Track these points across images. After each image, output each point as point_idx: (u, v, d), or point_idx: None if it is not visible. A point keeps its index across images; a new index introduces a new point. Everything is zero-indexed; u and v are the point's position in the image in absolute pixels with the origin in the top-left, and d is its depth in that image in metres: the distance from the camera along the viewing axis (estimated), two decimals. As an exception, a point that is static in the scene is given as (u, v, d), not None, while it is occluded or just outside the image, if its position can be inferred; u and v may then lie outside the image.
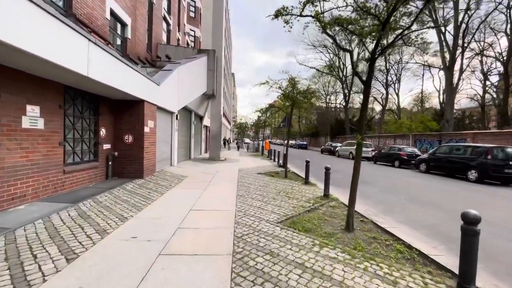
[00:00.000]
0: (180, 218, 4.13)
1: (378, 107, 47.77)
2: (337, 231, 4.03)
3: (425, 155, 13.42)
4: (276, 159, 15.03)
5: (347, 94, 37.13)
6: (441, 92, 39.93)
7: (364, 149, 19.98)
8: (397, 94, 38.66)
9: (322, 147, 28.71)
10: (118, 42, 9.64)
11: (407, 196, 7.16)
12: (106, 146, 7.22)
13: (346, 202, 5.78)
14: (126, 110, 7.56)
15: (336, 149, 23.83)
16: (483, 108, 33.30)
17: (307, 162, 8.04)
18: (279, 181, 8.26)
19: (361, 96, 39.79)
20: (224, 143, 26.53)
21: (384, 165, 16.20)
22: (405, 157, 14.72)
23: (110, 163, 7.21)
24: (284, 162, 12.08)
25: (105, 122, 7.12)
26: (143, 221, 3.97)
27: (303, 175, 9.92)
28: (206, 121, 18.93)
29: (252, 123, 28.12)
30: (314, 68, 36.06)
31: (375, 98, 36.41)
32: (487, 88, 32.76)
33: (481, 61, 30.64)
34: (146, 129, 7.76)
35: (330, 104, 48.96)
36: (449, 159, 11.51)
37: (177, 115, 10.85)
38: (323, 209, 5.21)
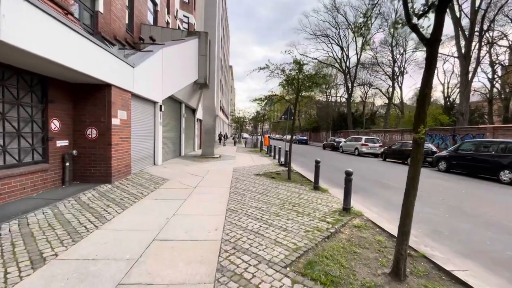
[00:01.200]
0: (130, 261, 2.60)
1: (378, 101, 46.24)
2: (378, 278, 2.53)
3: (444, 152, 11.93)
4: (277, 157, 13.51)
5: (350, 86, 35.42)
6: (446, 85, 38.53)
7: (370, 144, 18.55)
8: (400, 88, 37.01)
9: (324, 142, 27.20)
10: (89, 19, 7.93)
11: (445, 206, 5.67)
12: (62, 143, 5.63)
13: (373, 218, 4.29)
14: (89, 98, 5.96)
15: (340, 144, 22.34)
16: (490, 102, 31.84)
17: (317, 162, 6.50)
18: (282, 185, 6.74)
19: (363, 89, 37.91)
20: (220, 139, 24.83)
21: (394, 163, 14.73)
22: (420, 154, 13.21)
23: (67, 164, 5.64)
24: (286, 161, 10.57)
25: (59, 112, 5.52)
26: (62, 270, 2.42)
27: (308, 175, 8.43)
28: (200, 114, 17.29)
29: (250, 117, 26.45)
30: (316, 59, 34.21)
31: (380, 90, 34.77)
32: (494, 82, 31.27)
33: (489, 52, 28.93)
34: (115, 121, 6.17)
35: (330, 98, 47.27)
36: (475, 157, 10.02)
37: (161, 106, 9.23)
38: (347, 232, 3.71)
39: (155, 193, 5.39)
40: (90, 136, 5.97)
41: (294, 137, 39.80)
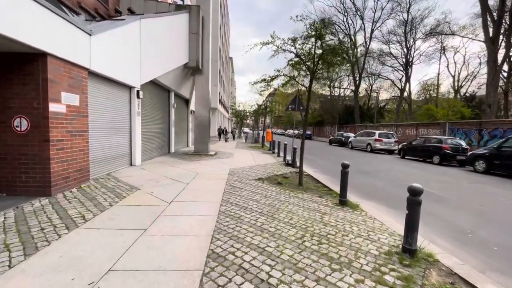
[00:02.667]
0: None
1: (384, 95, 43.90)
2: None
3: (482, 150, 10.04)
4: (281, 154, 11.68)
5: (358, 77, 33.21)
6: (456, 77, 36.23)
7: (385, 139, 16.63)
8: (408, 80, 34.54)
9: (331, 137, 25.27)
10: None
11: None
12: (-30, 139, 3.81)
13: (462, 272, 2.38)
14: (16, 73, 4.10)
15: (349, 140, 20.42)
16: (506, 94, 29.70)
17: (345, 167, 4.60)
18: (294, 196, 4.91)
19: (369, 82, 35.68)
20: (219, 134, 22.87)
21: (415, 161, 12.86)
22: (449, 151, 11.33)
23: (-20, 170, 3.83)
24: (293, 160, 8.72)
25: (-38, 92, 3.67)
26: None
27: (323, 180, 6.62)
28: (194, 106, 15.39)
29: (251, 110, 24.46)
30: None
31: (393, 82, 32.59)
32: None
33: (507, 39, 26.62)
34: (57, 108, 4.33)
35: (334, 90, 44.92)
36: (527, 156, 8.14)
37: (139, 92, 7.35)
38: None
39: (106, 214, 3.56)
40: (18, 128, 4.13)
41: (296, 131, 37.79)
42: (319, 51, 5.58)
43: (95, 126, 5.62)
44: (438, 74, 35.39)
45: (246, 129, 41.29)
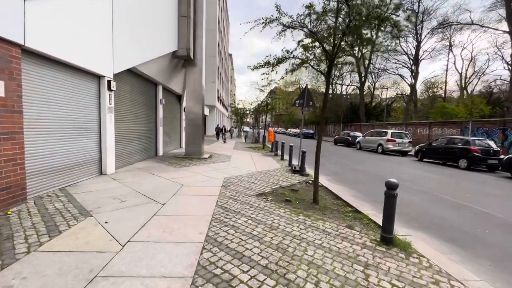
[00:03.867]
0: None
1: (387, 93, 42.31)
2: None
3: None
4: (286, 157, 10.22)
5: (364, 73, 31.62)
6: (463, 74, 34.60)
7: (398, 140, 15.11)
8: (414, 76, 32.80)
9: (336, 137, 23.76)
10: None
11: None
12: None
13: None
14: None
15: (357, 140, 18.94)
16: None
17: (391, 188, 3.02)
18: (311, 226, 3.44)
19: (373, 79, 34.22)
20: (217, 134, 21.25)
21: (437, 164, 11.39)
22: (479, 154, 9.85)
23: None
24: (301, 166, 7.23)
25: None
26: None
27: (340, 192, 5.13)
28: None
29: (251, 108, 22.92)
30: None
31: (402, 77, 31.01)
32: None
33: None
34: (-46, 98, 2.85)
35: (335, 88, 43.20)
36: None
37: (110, 82, 5.88)
38: None
39: (7, 273, 2.10)
40: None
41: (299, 130, 36.14)
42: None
43: (38, 125, 4.15)
44: (447, 70, 33.87)
45: (246, 128, 39.80)
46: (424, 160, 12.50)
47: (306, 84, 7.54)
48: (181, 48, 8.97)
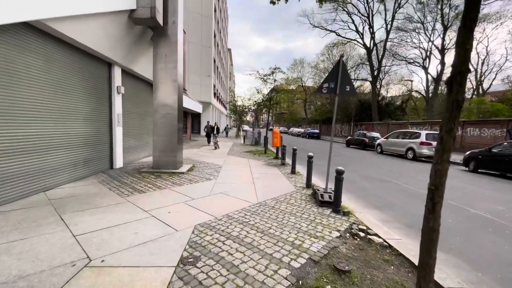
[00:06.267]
0: None
1: (393, 92, 39.15)
2: None
3: None
4: (297, 168, 7.17)
5: (376, 67, 28.45)
6: (479, 70, 31.47)
7: (434, 143, 12.03)
8: (426, 71, 29.39)
9: (349, 137, 20.63)
10: None
11: None
12: None
13: None
14: None
15: (377, 142, 15.88)
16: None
17: None
18: None
19: (382, 75, 30.94)
20: (208, 135, 16.50)
21: (500, 178, 8.31)
22: None
23: None
24: (338, 195, 4.07)
25: None
26: None
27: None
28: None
29: (251, 104, 19.77)
30: (334, 32, 27.22)
31: (425, 68, 27.69)
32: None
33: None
34: None
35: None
36: None
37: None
38: None
39: None
40: None
41: (303, 130, 32.93)
42: None
43: None
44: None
45: (245, 127, 36.66)
46: (479, 171, 9.43)
47: (342, 55, 4.47)
48: (141, 7, 5.88)
